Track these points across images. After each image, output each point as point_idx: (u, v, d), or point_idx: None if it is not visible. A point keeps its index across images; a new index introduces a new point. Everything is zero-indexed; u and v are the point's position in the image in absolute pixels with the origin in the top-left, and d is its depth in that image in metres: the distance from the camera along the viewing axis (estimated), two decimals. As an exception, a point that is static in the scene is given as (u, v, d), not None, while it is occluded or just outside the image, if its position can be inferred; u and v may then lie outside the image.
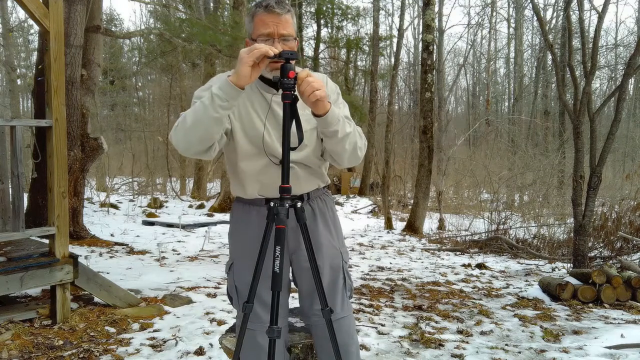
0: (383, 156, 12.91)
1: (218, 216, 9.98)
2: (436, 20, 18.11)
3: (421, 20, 11.75)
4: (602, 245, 6.97)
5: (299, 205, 1.55)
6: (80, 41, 6.01)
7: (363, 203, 14.54)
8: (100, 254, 5.74)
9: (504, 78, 26.03)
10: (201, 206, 11.83)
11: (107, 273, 4.62)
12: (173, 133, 1.54)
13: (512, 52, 23.22)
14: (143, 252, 6.14)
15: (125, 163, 16.80)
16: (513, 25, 22.09)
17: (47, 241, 3.49)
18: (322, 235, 1.77)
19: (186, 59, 15.90)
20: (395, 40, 18.11)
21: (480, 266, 6.33)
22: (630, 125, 18.79)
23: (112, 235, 7.32)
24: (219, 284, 4.72)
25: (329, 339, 1.62)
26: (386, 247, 8.03)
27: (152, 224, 8.80)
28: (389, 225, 10.31)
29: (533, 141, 17.39)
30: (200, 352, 2.97)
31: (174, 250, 6.54)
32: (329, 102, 1.54)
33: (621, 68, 13.98)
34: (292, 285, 1.86)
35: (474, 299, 4.63)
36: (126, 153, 17.57)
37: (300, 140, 1.57)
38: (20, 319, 3.26)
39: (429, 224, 10.60)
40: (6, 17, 17.06)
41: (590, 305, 4.34)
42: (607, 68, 16.76)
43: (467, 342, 3.32)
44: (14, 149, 3.23)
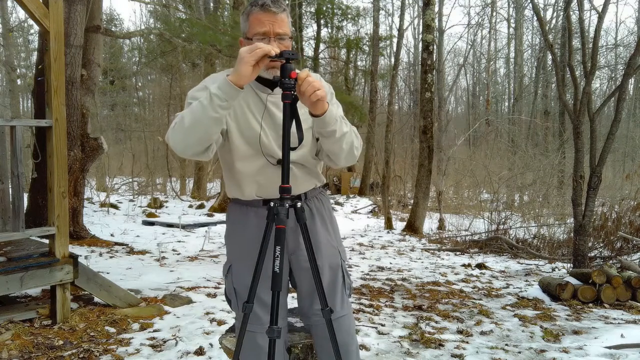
0: (383, 156, 12.90)
1: (218, 216, 9.98)
2: (436, 20, 18.11)
3: (421, 20, 11.75)
4: (602, 245, 6.97)
5: (298, 205, 1.54)
6: (80, 41, 6.01)
7: (363, 203, 14.55)
8: (100, 254, 5.74)
9: (504, 78, 26.07)
10: (201, 206, 11.82)
11: (107, 273, 4.62)
12: (170, 134, 1.52)
13: (512, 52, 23.24)
14: (143, 252, 6.14)
15: (125, 163, 16.80)
16: (513, 25, 22.11)
17: (47, 241, 3.49)
18: (321, 234, 1.77)
19: (186, 59, 15.90)
20: (395, 40, 18.12)
21: (480, 266, 6.33)
22: (630, 125, 18.78)
23: (112, 235, 7.32)
24: (219, 284, 4.72)
25: (329, 339, 1.62)
26: (386, 247, 8.03)
27: (152, 224, 8.80)
28: (389, 225, 10.31)
29: (533, 141, 17.39)
30: (200, 352, 2.97)
31: (174, 250, 6.54)
32: (327, 102, 1.54)
33: (621, 68, 13.98)
34: (289, 285, 1.86)
35: (474, 299, 4.63)
36: (126, 153, 17.57)
37: (300, 140, 1.57)
38: (20, 319, 3.26)
39: (429, 224, 10.60)
40: (6, 17, 17.06)
41: (590, 305, 4.34)
42: (607, 68, 16.77)
43: (467, 342, 3.32)
44: (14, 149, 3.23)
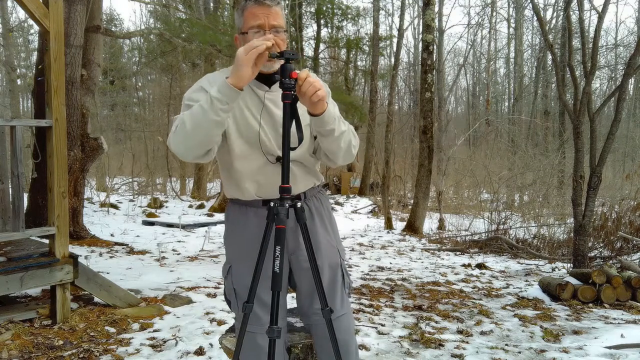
0: (383, 156, 12.90)
1: (218, 216, 9.98)
2: (436, 20, 18.10)
3: (421, 20, 11.75)
4: (602, 245, 6.97)
5: (298, 205, 1.54)
6: (80, 41, 6.01)
7: (363, 203, 14.54)
8: (100, 254, 5.74)
9: (504, 78, 26.06)
10: (201, 206, 11.82)
11: (107, 273, 4.62)
12: (172, 138, 1.53)
13: (512, 52, 23.23)
14: (143, 252, 6.14)
15: (125, 163, 16.79)
16: (513, 25, 22.10)
17: (47, 241, 3.48)
18: (320, 234, 1.77)
19: (186, 59, 15.90)
20: (395, 40, 18.12)
21: (480, 266, 6.33)
22: (630, 125, 18.78)
23: (112, 235, 7.32)
24: (219, 284, 4.71)
25: (329, 339, 1.63)
26: (386, 247, 8.02)
27: (152, 224, 8.80)
28: (389, 225, 10.30)
29: (533, 141, 17.38)
30: (200, 352, 2.97)
31: (174, 250, 6.54)
32: (326, 102, 1.54)
33: (621, 68, 13.98)
34: (288, 285, 1.86)
35: (474, 299, 4.63)
36: (126, 153, 17.56)
37: (300, 140, 1.57)
38: (20, 319, 3.26)
39: (429, 224, 10.60)
40: (6, 17, 17.06)
41: (590, 305, 4.34)
42: (607, 68, 16.76)
43: (467, 342, 3.32)
44: (14, 149, 3.23)
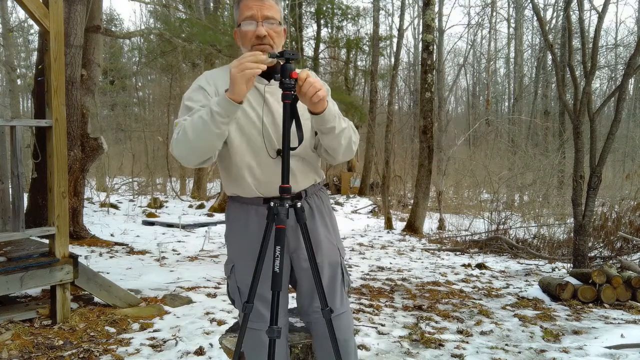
0: (383, 156, 12.90)
1: (218, 216, 9.98)
2: (436, 20, 18.11)
3: (421, 20, 11.75)
4: (602, 245, 6.96)
5: (299, 205, 1.55)
6: (80, 41, 6.01)
7: (363, 203, 14.54)
8: (100, 254, 5.74)
9: (504, 78, 26.06)
10: (201, 206, 11.82)
11: (107, 273, 4.62)
12: (174, 146, 1.55)
13: (512, 52, 23.23)
14: (143, 252, 6.14)
15: (125, 163, 16.79)
16: (513, 25, 22.10)
17: (47, 241, 3.48)
18: (321, 232, 1.77)
19: (186, 59, 15.90)
20: (395, 40, 18.12)
21: (480, 266, 6.33)
22: (630, 125, 18.77)
23: (112, 235, 7.32)
24: (219, 284, 4.72)
25: (328, 338, 1.63)
26: (386, 247, 8.02)
27: (152, 224, 8.80)
28: (389, 225, 10.30)
29: (533, 141, 17.39)
30: (200, 352, 2.97)
31: (174, 250, 6.54)
32: (327, 101, 1.55)
33: (621, 68, 13.98)
34: (289, 284, 1.86)
35: (474, 299, 4.63)
36: (126, 153, 17.56)
37: (300, 140, 1.57)
38: (20, 319, 3.26)
39: (429, 224, 10.60)
40: (6, 17, 17.06)
41: (590, 305, 4.34)
42: (607, 68, 16.76)
43: (467, 342, 3.32)
44: (14, 149, 3.23)
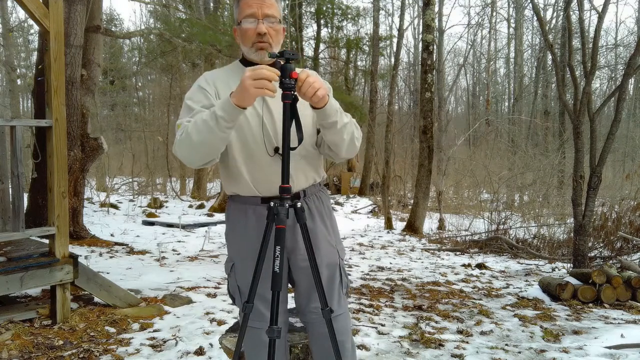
0: (383, 156, 12.90)
1: (218, 216, 9.98)
2: (436, 20, 18.11)
3: (421, 20, 11.75)
4: (602, 245, 6.96)
5: (298, 205, 1.55)
6: (80, 41, 6.01)
7: (363, 203, 14.54)
8: (100, 254, 5.74)
9: (504, 78, 26.05)
10: (201, 206, 11.83)
11: (107, 273, 4.62)
12: (177, 147, 1.57)
13: (512, 52, 23.23)
14: (143, 252, 6.14)
15: (125, 163, 16.79)
16: (513, 25, 22.10)
17: (47, 241, 3.48)
18: (320, 233, 1.77)
19: (186, 59, 15.90)
20: (395, 40, 18.12)
21: (480, 266, 6.33)
22: (630, 125, 18.77)
23: (112, 235, 7.32)
24: (219, 284, 4.72)
25: (326, 337, 1.64)
26: (386, 247, 8.02)
27: (152, 224, 8.80)
28: (389, 225, 10.30)
29: (533, 141, 17.38)
30: (200, 352, 2.97)
31: (174, 250, 6.54)
32: (328, 95, 1.55)
33: (621, 68, 13.98)
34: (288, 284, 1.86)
35: (474, 299, 4.63)
36: (126, 153, 17.56)
37: (300, 140, 1.57)
38: (20, 319, 3.26)
39: (429, 224, 10.60)
40: (6, 17, 17.06)
41: (590, 305, 4.34)
42: (607, 68, 16.76)
43: (467, 342, 3.32)
44: (14, 149, 3.23)
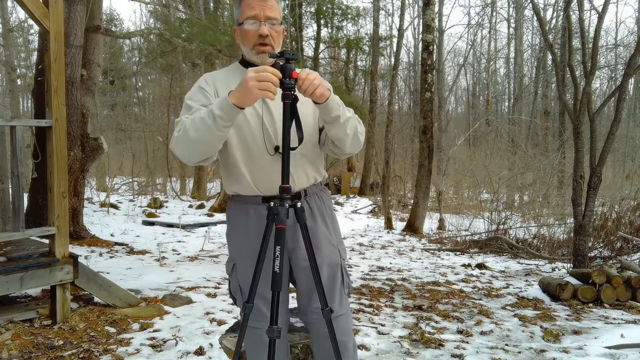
0: (383, 156, 12.90)
1: (218, 216, 9.98)
2: (436, 20, 18.10)
3: (421, 20, 11.75)
4: (602, 245, 6.96)
5: (299, 205, 1.55)
6: (80, 41, 6.01)
7: (363, 203, 14.54)
8: (100, 254, 5.74)
9: (504, 78, 26.05)
10: (201, 206, 11.82)
11: (107, 273, 4.62)
12: (175, 145, 1.56)
13: (512, 52, 23.22)
14: (143, 252, 6.14)
15: (125, 163, 16.79)
16: (513, 25, 22.09)
17: (47, 241, 3.48)
18: (321, 233, 1.77)
19: (186, 59, 15.90)
20: (395, 40, 18.11)
21: (480, 266, 6.33)
22: (630, 125, 18.77)
23: (112, 235, 7.32)
24: (219, 284, 4.72)
25: (326, 337, 1.64)
26: (386, 247, 8.02)
27: (152, 224, 8.80)
28: (389, 225, 10.30)
29: (533, 141, 17.38)
30: (200, 352, 2.97)
31: (174, 250, 6.54)
32: (329, 90, 1.55)
33: (621, 68, 13.98)
34: (289, 284, 1.86)
35: (474, 299, 4.63)
36: (126, 153, 17.56)
37: (300, 140, 1.57)
38: (20, 319, 3.26)
39: (429, 224, 10.60)
40: (6, 17, 17.05)
41: (590, 305, 4.34)
42: (607, 68, 16.75)
43: (467, 342, 3.32)
44: (14, 149, 3.23)
